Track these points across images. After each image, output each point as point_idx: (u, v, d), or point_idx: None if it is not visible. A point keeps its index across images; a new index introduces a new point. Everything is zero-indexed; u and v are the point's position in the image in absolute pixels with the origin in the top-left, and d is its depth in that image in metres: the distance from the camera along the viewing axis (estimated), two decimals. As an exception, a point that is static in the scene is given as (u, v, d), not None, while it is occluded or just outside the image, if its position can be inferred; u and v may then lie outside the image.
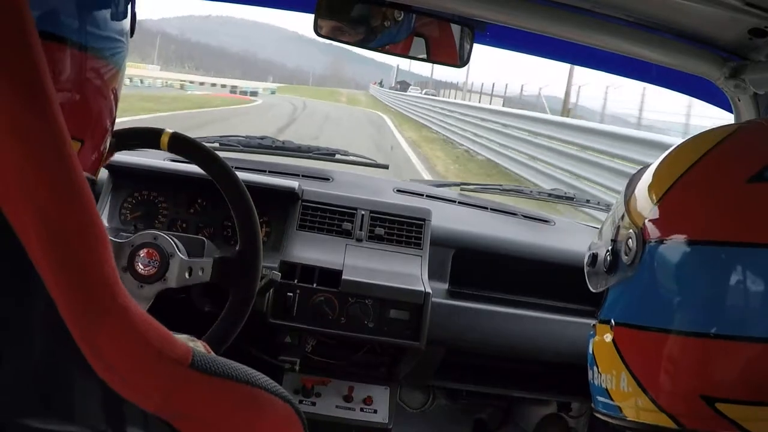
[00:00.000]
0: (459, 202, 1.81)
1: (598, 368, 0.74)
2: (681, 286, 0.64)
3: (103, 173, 1.47)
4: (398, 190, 1.77)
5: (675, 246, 0.64)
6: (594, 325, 0.76)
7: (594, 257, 0.77)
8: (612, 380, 0.70)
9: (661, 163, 0.72)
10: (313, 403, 1.43)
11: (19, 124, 0.36)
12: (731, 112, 1.22)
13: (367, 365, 1.50)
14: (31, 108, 0.36)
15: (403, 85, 59.87)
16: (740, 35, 1.06)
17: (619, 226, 0.73)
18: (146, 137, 1.17)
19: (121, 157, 1.44)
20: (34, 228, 0.37)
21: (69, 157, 0.37)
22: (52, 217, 0.37)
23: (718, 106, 1.26)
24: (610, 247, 0.73)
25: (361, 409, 1.45)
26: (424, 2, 1.15)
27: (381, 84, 71.70)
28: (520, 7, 1.11)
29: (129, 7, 0.58)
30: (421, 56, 1.23)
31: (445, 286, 1.53)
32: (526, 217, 1.80)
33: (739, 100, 1.19)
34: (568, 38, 1.15)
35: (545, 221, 1.80)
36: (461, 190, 1.95)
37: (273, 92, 49.02)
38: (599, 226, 2.04)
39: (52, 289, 0.37)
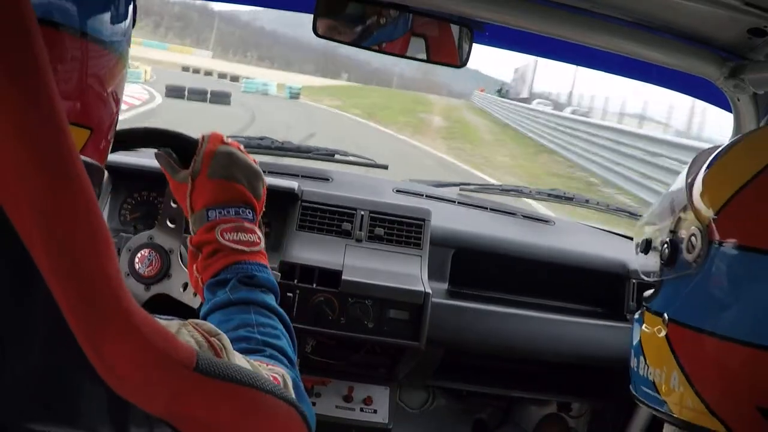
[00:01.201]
0: (458, 203, 1.81)
1: (645, 360, 0.70)
2: (746, 294, 0.60)
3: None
4: (398, 191, 1.77)
5: (744, 252, 0.60)
6: (642, 312, 0.72)
7: (648, 244, 0.72)
8: (661, 376, 0.67)
9: (730, 155, 0.66)
10: (313, 404, 1.43)
11: (22, 127, 0.35)
12: (731, 111, 1.23)
13: (367, 365, 1.50)
14: (36, 111, 0.36)
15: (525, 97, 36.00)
16: (739, 35, 1.06)
17: (680, 218, 0.67)
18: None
19: (121, 157, 1.43)
20: (37, 231, 0.37)
21: (72, 161, 0.37)
22: (54, 220, 0.36)
23: (717, 105, 1.26)
24: (669, 239, 0.67)
25: (361, 409, 1.45)
26: (423, 2, 1.15)
27: (500, 92, 41.94)
28: (519, 7, 1.10)
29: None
30: (420, 56, 1.23)
31: (445, 286, 1.53)
32: (525, 217, 1.79)
33: (738, 100, 1.19)
34: (568, 38, 1.15)
35: (545, 221, 1.80)
36: (461, 190, 1.94)
37: (293, 95, 29.77)
38: (599, 226, 2.01)
39: (56, 292, 0.37)
